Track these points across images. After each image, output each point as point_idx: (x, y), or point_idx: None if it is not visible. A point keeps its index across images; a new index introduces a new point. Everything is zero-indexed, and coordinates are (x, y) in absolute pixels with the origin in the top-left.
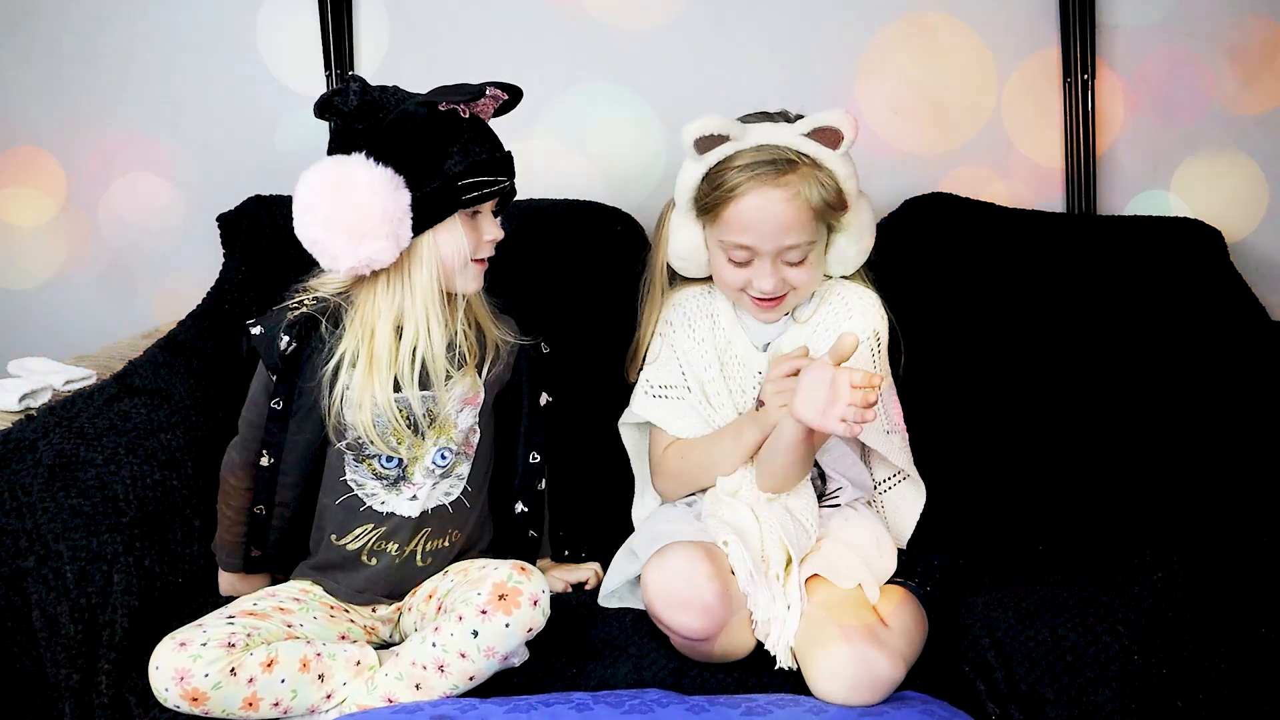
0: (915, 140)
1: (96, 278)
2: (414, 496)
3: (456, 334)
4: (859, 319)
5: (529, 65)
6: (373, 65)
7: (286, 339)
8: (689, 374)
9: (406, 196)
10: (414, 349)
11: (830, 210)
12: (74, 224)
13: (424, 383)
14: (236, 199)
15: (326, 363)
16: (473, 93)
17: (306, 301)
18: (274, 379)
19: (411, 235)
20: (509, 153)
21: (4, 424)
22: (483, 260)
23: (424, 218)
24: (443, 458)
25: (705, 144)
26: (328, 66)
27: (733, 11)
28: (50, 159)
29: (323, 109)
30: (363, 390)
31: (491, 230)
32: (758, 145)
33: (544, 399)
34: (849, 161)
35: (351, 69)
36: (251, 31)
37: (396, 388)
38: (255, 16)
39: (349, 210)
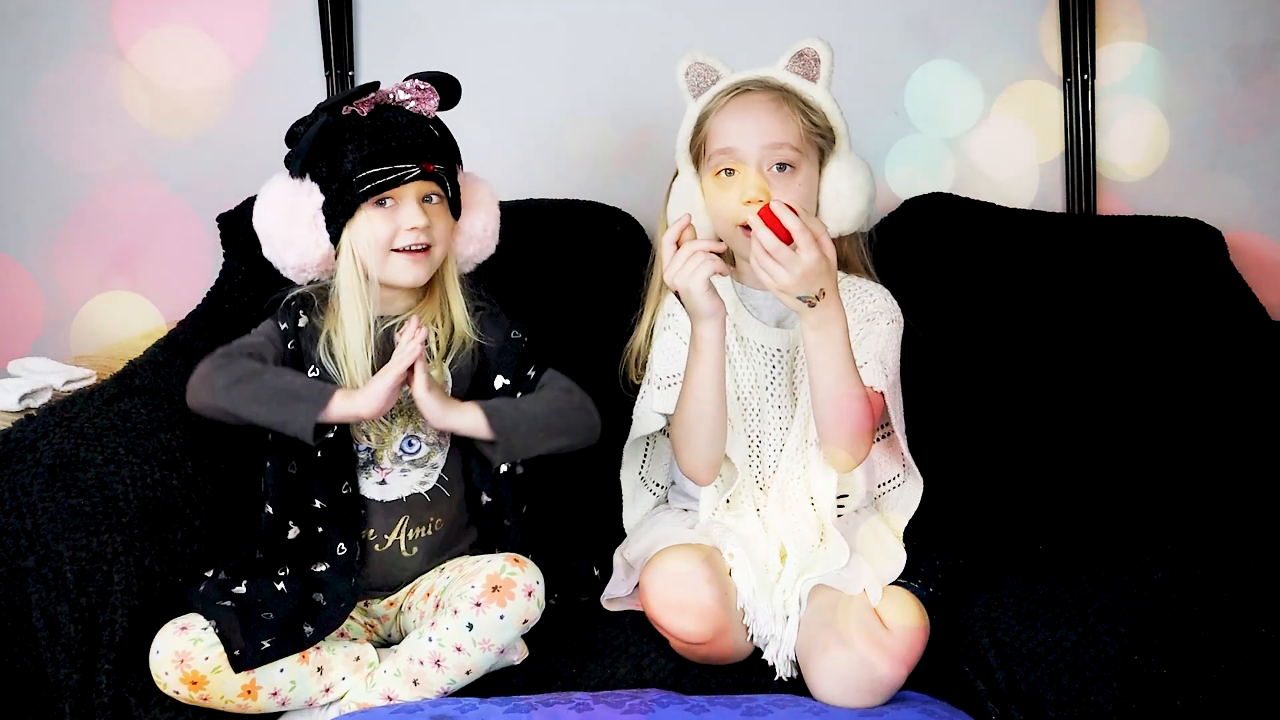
0: (915, 140)
1: (96, 278)
2: (383, 481)
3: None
4: (880, 300)
5: (529, 64)
6: (373, 65)
7: (304, 319)
8: None
9: (318, 200)
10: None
11: (818, 134)
12: (75, 224)
13: None
14: (236, 199)
15: (314, 343)
16: (357, 92)
17: (303, 291)
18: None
19: (330, 236)
20: (413, 142)
21: (4, 424)
22: (414, 251)
23: (334, 218)
24: (410, 445)
25: (696, 81)
26: (328, 66)
27: (733, 13)
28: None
29: (290, 139)
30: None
31: (411, 218)
32: (745, 78)
33: (499, 382)
34: (832, 98)
35: (351, 69)
36: (252, 31)
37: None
38: (255, 16)
39: (272, 221)
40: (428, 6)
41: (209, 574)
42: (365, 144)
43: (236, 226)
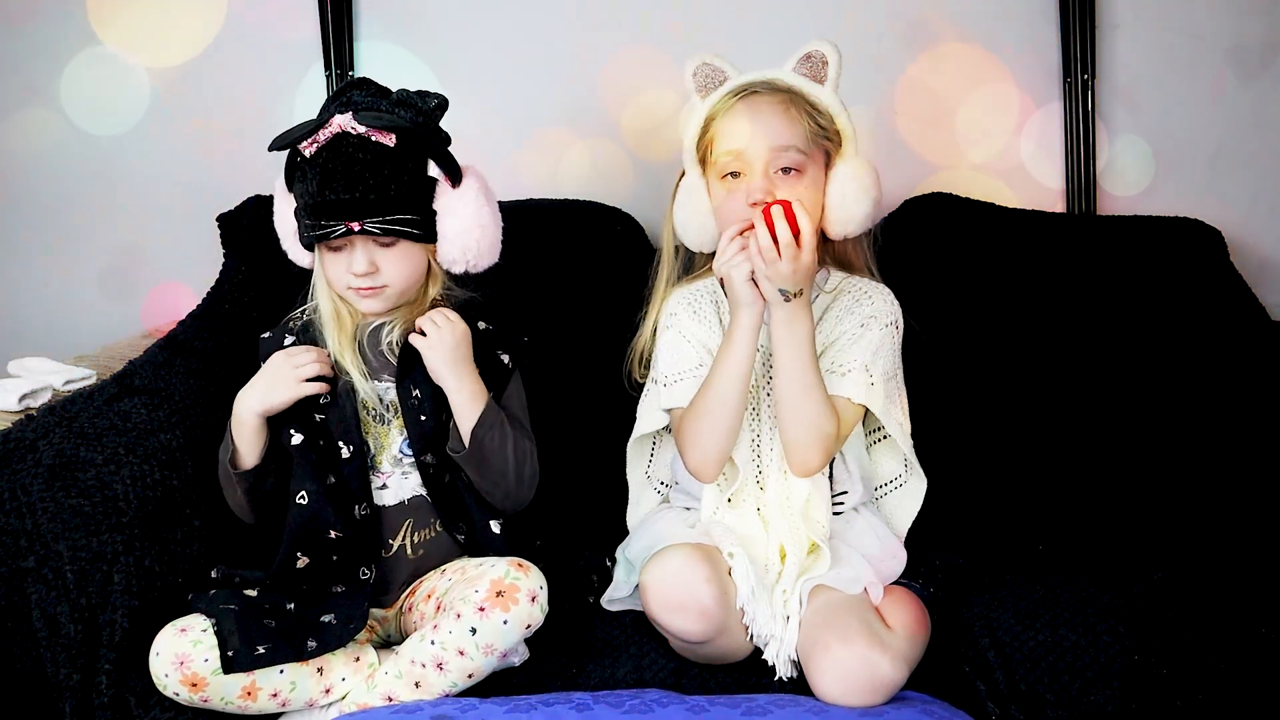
0: (915, 140)
1: (96, 278)
2: (384, 486)
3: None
4: (879, 302)
5: (529, 64)
6: (373, 65)
7: (290, 340)
8: (701, 352)
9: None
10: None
11: (825, 136)
12: (74, 224)
13: (389, 372)
14: (236, 199)
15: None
16: (301, 134)
17: (309, 311)
18: None
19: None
20: (353, 195)
21: (4, 424)
22: (365, 290)
23: (303, 242)
24: (409, 446)
25: (704, 81)
26: (328, 66)
27: (734, 14)
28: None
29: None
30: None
31: (357, 264)
32: (752, 79)
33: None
34: (839, 101)
35: (352, 69)
36: (251, 31)
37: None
38: (255, 16)
39: (276, 223)
40: (428, 6)
41: (214, 574)
42: (308, 191)
43: (236, 226)
